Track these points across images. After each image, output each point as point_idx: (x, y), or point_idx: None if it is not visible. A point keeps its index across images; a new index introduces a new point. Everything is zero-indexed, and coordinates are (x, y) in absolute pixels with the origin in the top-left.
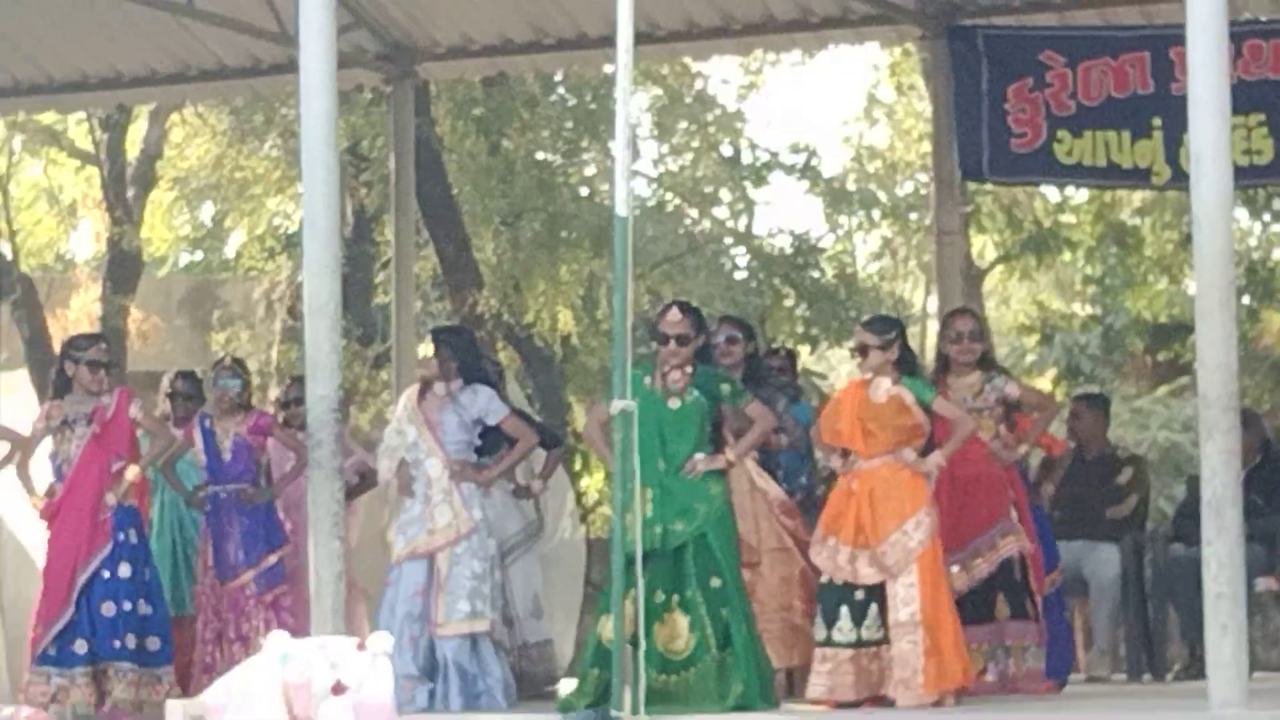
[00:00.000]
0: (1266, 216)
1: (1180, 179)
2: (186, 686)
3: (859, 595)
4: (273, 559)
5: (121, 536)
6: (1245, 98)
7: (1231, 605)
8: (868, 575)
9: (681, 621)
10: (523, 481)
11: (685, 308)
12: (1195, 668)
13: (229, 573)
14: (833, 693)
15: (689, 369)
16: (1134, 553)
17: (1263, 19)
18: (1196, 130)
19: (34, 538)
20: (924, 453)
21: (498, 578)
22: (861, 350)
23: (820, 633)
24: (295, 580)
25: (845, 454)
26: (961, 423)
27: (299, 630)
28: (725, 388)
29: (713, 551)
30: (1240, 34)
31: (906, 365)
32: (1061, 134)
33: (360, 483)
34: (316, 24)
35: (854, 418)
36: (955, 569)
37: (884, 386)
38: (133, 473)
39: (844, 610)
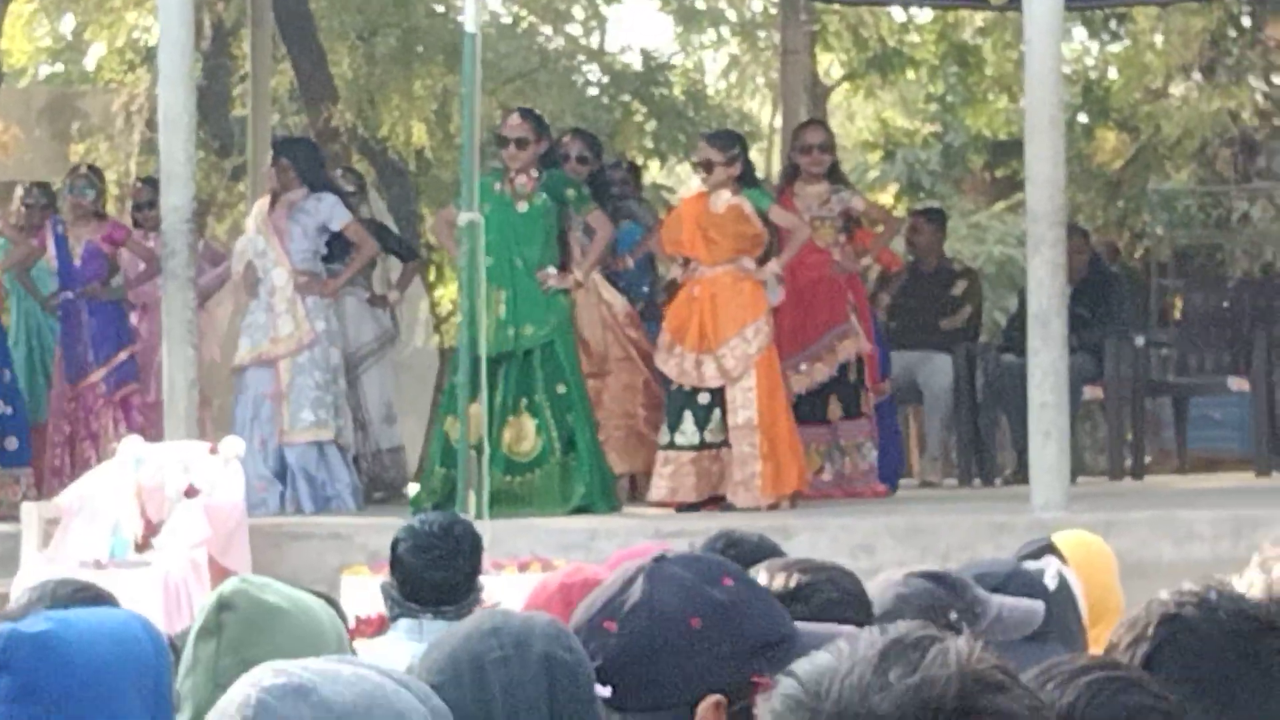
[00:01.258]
0: (1105, 36)
1: (1017, 1)
2: (41, 491)
3: (702, 399)
4: (123, 355)
5: None
6: None
7: (1055, 413)
8: (713, 378)
9: (528, 424)
10: (379, 291)
11: (526, 113)
12: (1023, 473)
13: (80, 373)
14: (674, 494)
15: (534, 173)
16: (966, 362)
17: None
18: None
19: None
20: (762, 262)
21: (342, 385)
22: (706, 165)
23: (664, 437)
24: (145, 380)
25: (686, 263)
26: (797, 230)
27: (149, 430)
28: (570, 192)
29: (559, 359)
30: None
31: (747, 178)
32: None
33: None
34: None
35: (695, 227)
36: (801, 369)
37: (724, 197)
38: None
39: (688, 414)
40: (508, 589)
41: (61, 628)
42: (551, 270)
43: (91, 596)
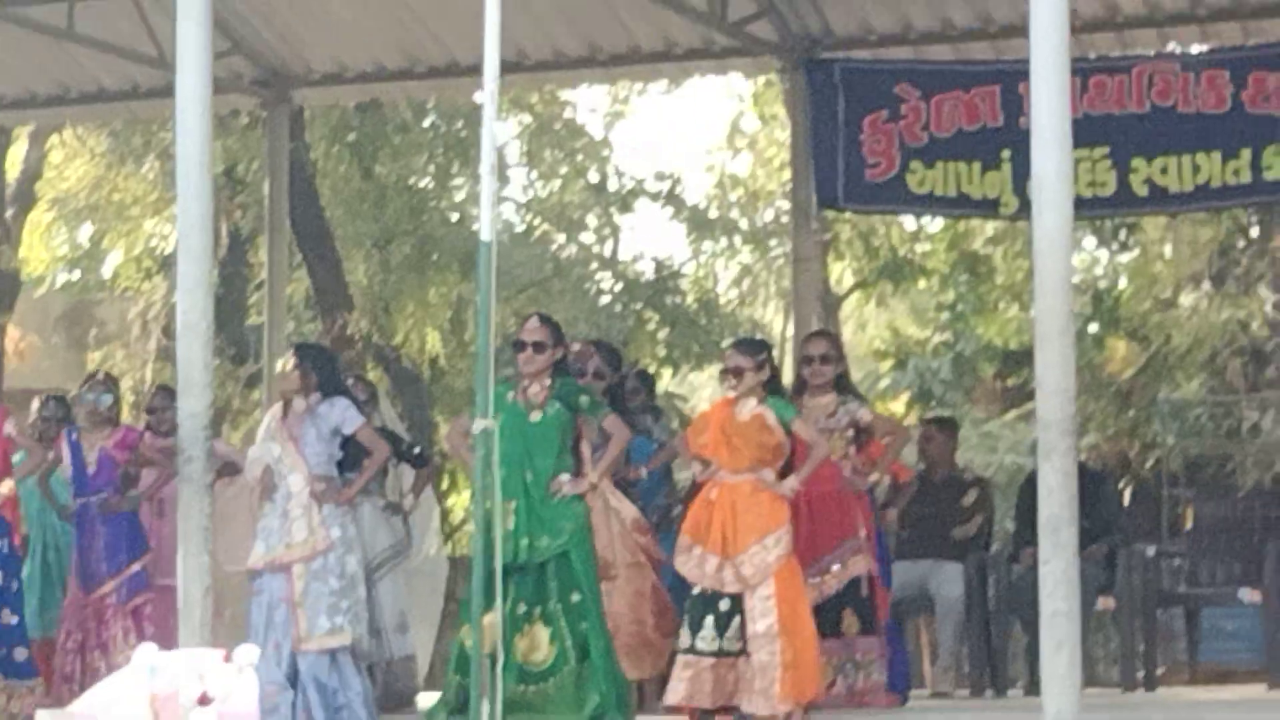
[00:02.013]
0: (1114, 246)
1: (1027, 209)
2: (53, 700)
3: (724, 605)
4: (135, 567)
5: None
6: (1089, 131)
7: (1067, 622)
8: (731, 583)
9: (542, 634)
10: (393, 499)
11: (544, 318)
12: (1036, 684)
13: (93, 582)
14: (691, 699)
15: (548, 381)
16: (978, 571)
17: (1108, 55)
18: (1039, 160)
19: None
20: (783, 472)
21: (361, 593)
22: (736, 372)
23: (685, 640)
24: (158, 589)
25: (706, 464)
26: (817, 446)
27: (162, 638)
28: (584, 399)
29: (574, 567)
30: (1085, 69)
31: (771, 386)
32: (914, 164)
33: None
34: (193, 49)
35: (720, 432)
36: (812, 581)
37: (749, 406)
38: (6, 486)
39: (709, 620)
40: None
41: None
42: (565, 477)
43: None
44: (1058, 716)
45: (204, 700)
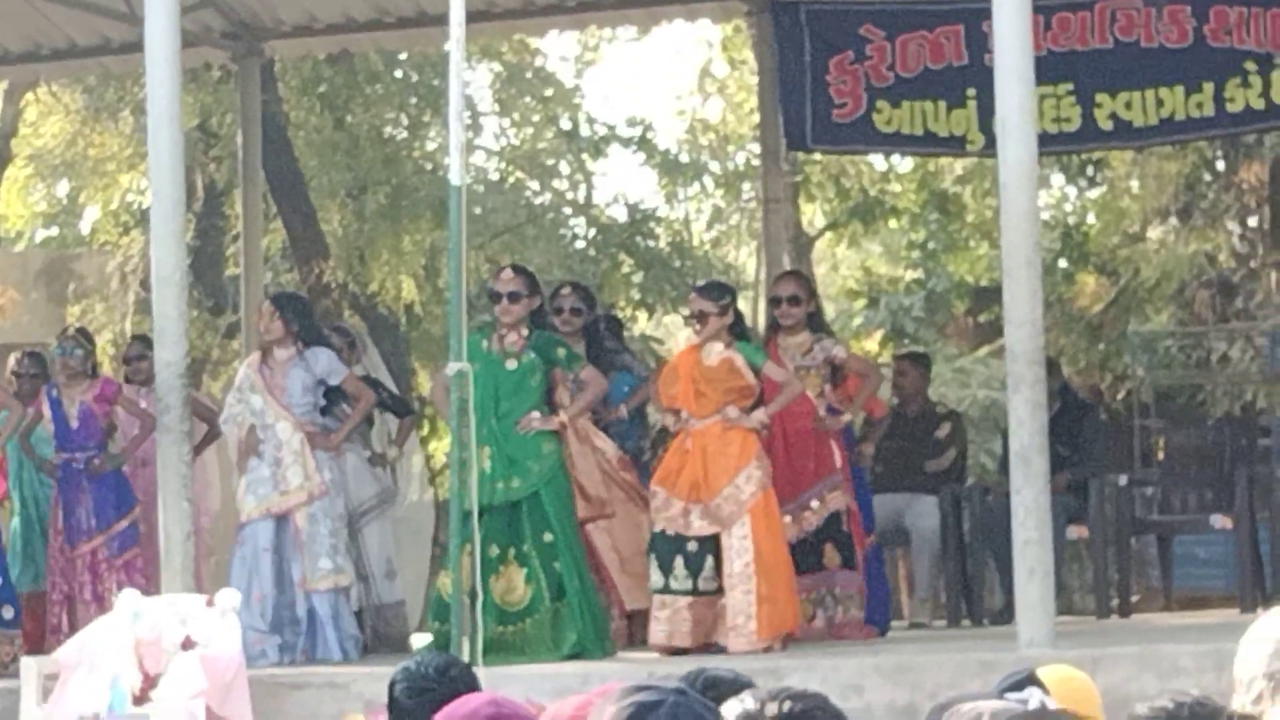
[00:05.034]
0: (1081, 182)
1: (993, 146)
2: (38, 650)
3: (691, 547)
4: (124, 524)
5: None
6: (1053, 68)
7: (1039, 550)
8: (700, 527)
9: (517, 574)
10: (378, 449)
11: (519, 269)
12: (1011, 613)
13: (79, 537)
14: (671, 638)
15: (524, 331)
16: (953, 504)
17: None
18: (1003, 97)
19: None
20: (753, 410)
21: (344, 537)
22: (699, 317)
23: (658, 581)
24: (147, 541)
25: (677, 414)
26: (789, 384)
27: (151, 590)
28: (560, 352)
29: (545, 508)
30: (1048, 6)
31: (737, 329)
32: (880, 104)
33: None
34: (161, 2)
35: (688, 380)
36: (787, 519)
37: (716, 350)
38: None
39: (679, 560)
40: None
41: None
42: (535, 414)
43: None
44: (1031, 643)
45: (187, 644)
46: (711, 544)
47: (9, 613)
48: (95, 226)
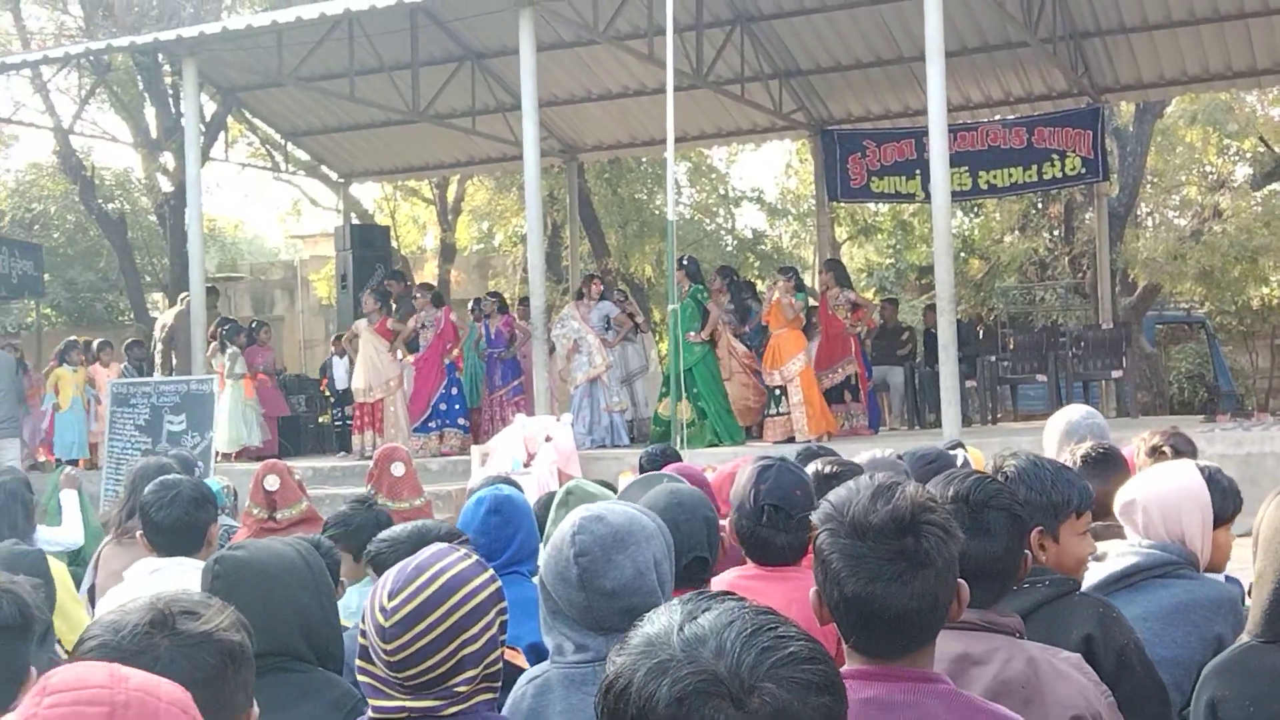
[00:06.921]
0: (971, 214)
1: (929, 198)
2: (478, 440)
3: (776, 391)
4: (515, 383)
5: None
6: (958, 160)
7: (952, 392)
8: (777, 381)
9: (689, 408)
10: (637, 341)
11: (690, 260)
12: (939, 422)
13: (495, 389)
14: (775, 437)
15: (687, 286)
16: (910, 372)
17: (966, 122)
18: (935, 173)
19: None
20: (806, 330)
21: (624, 387)
22: (778, 283)
23: (771, 408)
24: (526, 392)
25: (765, 327)
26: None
27: (530, 413)
28: (702, 294)
29: (695, 378)
30: (954, 129)
31: (799, 287)
32: (874, 179)
33: None
34: (530, 136)
35: (776, 310)
36: (827, 379)
37: (784, 298)
38: (457, 350)
39: (771, 399)
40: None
41: (503, 493)
42: (691, 333)
43: (507, 482)
44: (949, 435)
45: (547, 439)
46: (785, 390)
47: (464, 420)
48: (500, 244)
